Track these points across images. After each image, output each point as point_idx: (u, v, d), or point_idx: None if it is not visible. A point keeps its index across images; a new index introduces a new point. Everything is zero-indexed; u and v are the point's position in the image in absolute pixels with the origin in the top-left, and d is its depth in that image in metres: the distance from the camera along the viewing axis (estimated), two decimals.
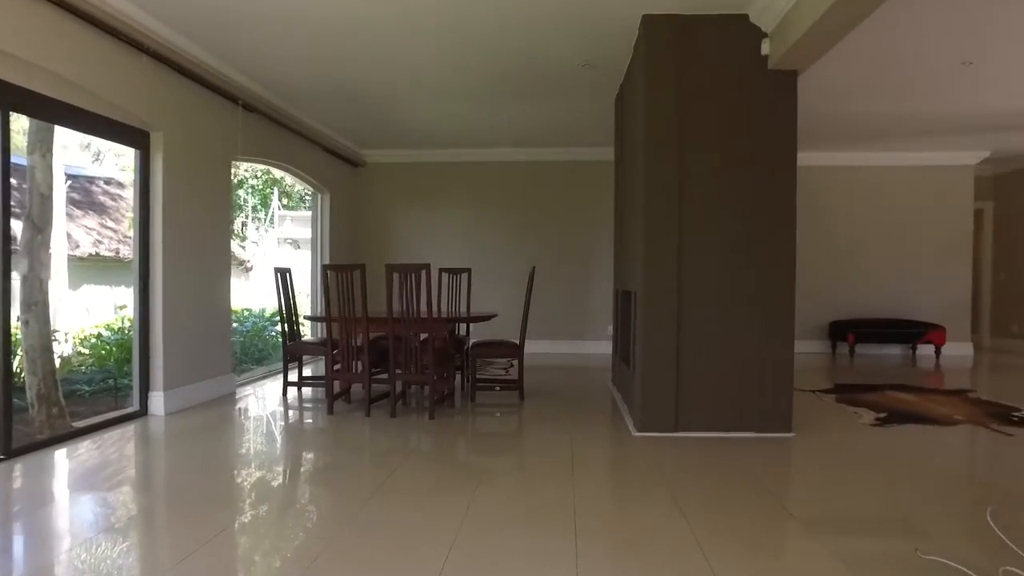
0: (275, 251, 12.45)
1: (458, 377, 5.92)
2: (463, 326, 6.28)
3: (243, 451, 3.89)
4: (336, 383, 4.95)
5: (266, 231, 12.69)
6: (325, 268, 4.86)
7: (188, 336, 4.94)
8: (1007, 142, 7.80)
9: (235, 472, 3.43)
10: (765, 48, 4.08)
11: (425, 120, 7.08)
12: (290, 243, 12.84)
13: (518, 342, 5.26)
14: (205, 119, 5.14)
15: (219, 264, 5.44)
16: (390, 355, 4.68)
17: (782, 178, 4.13)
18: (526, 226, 8.69)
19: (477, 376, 5.54)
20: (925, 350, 8.36)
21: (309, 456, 3.81)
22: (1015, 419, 4.63)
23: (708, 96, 4.14)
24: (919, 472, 3.46)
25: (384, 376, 4.88)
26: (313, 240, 8.14)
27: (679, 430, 4.15)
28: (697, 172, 4.14)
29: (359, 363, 4.81)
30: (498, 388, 5.31)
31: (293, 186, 12.27)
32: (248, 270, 12.04)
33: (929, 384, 6.30)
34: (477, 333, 8.28)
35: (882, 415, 4.69)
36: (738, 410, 4.14)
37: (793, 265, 4.15)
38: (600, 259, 8.44)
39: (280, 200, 12.80)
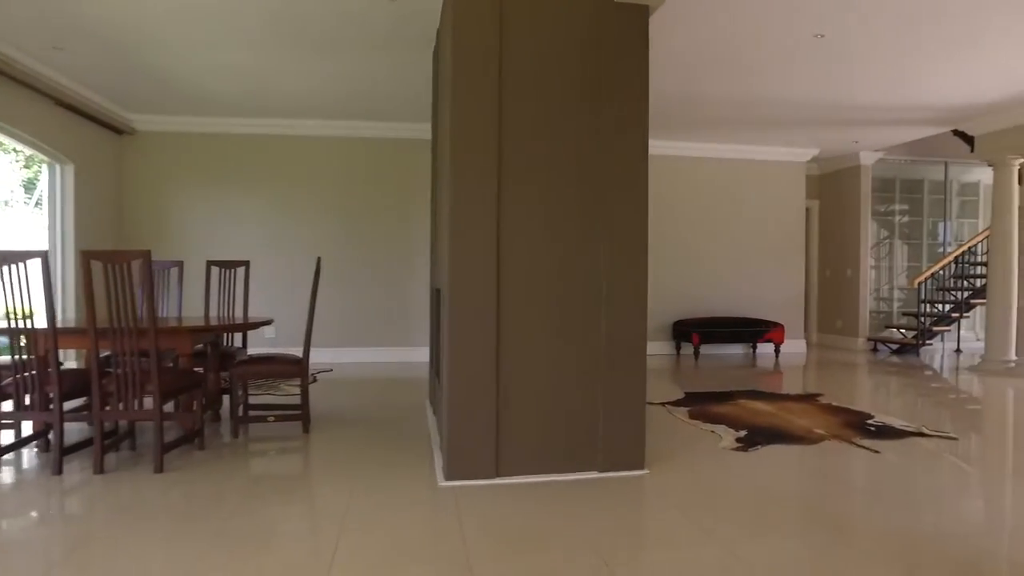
0: None
1: (227, 402, 4.49)
2: (233, 336, 4.83)
3: None
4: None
5: None
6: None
7: None
8: (836, 138, 7.75)
9: None
10: None
11: (197, 72, 5.49)
12: None
13: (302, 355, 3.96)
14: None
15: None
16: (93, 380, 3.17)
17: (632, 138, 3.22)
18: (338, 214, 7.31)
19: (249, 403, 4.16)
20: (764, 348, 8.15)
21: None
22: (871, 428, 4.13)
23: (538, 35, 3.12)
24: (807, 518, 2.67)
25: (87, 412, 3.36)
26: (51, 225, 6.18)
27: (501, 475, 3.08)
28: (522, 129, 3.11)
29: (47, 393, 3.25)
30: (271, 418, 3.95)
31: None
32: None
33: (778, 388, 5.86)
34: (280, 343, 6.82)
35: (742, 434, 3.98)
36: (578, 446, 3.17)
37: (645, 252, 3.25)
38: (426, 252, 7.29)
39: None
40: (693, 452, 3.62)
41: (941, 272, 8.33)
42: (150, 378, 3.20)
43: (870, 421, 4.33)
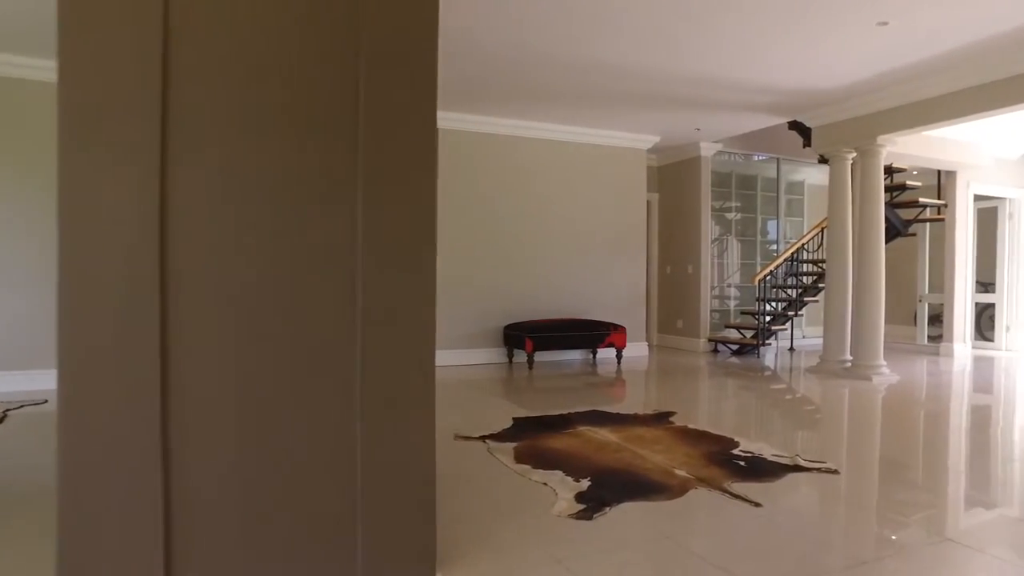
0: None
1: None
2: None
3: None
4: None
5: None
6: None
7: None
8: (678, 124, 7.13)
9: None
10: None
11: None
12: None
13: None
14: None
15: None
16: None
17: (400, 75, 1.95)
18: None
19: None
20: (606, 351, 7.35)
21: None
22: (741, 463, 3.26)
23: None
24: None
25: None
26: None
27: None
28: (210, 66, 1.73)
29: None
30: None
31: None
32: None
33: (624, 405, 4.96)
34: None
35: (585, 486, 2.90)
36: (319, 543, 1.85)
37: (432, 250, 2.00)
38: None
39: None
40: (516, 528, 2.46)
41: (776, 270, 8.07)
42: None
43: (737, 451, 3.47)
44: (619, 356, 7.10)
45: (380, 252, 1.88)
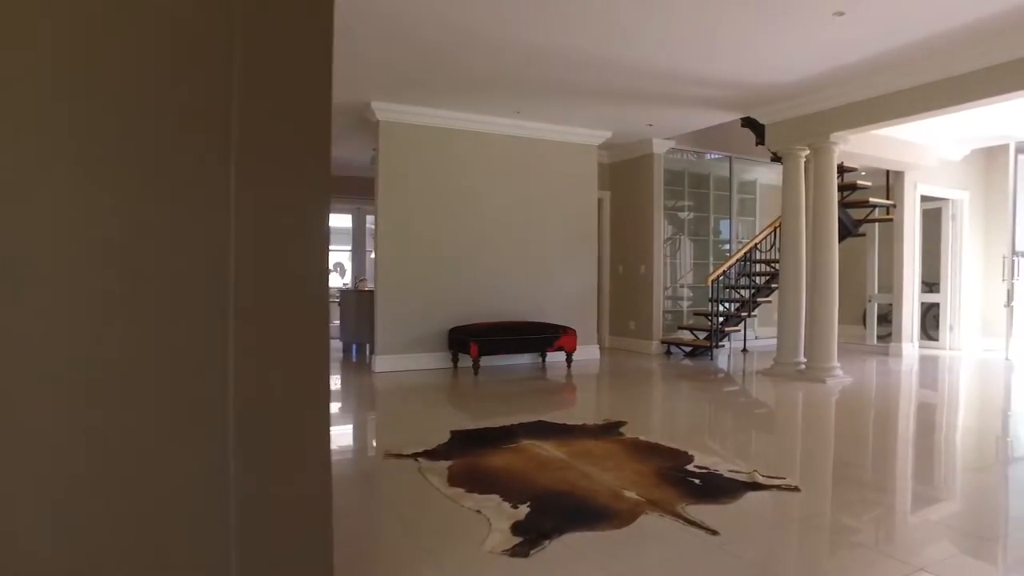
0: None
1: None
2: None
3: None
4: None
5: None
6: None
7: None
8: (630, 119, 6.89)
9: None
10: None
11: None
12: None
13: None
14: None
15: None
16: None
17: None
18: None
19: None
20: (556, 356, 7.05)
21: None
22: (695, 481, 2.99)
23: None
24: None
25: None
26: None
27: None
28: None
29: None
30: None
31: None
32: None
33: (572, 414, 4.66)
34: None
35: (523, 514, 2.56)
36: None
37: (324, 242, 1.63)
38: None
39: None
40: (437, 570, 2.11)
41: (729, 270, 7.92)
42: None
43: (691, 467, 3.19)
44: (569, 360, 6.81)
45: (259, 250, 1.50)
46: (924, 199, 8.21)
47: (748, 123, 6.84)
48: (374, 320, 6.50)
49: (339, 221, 10.86)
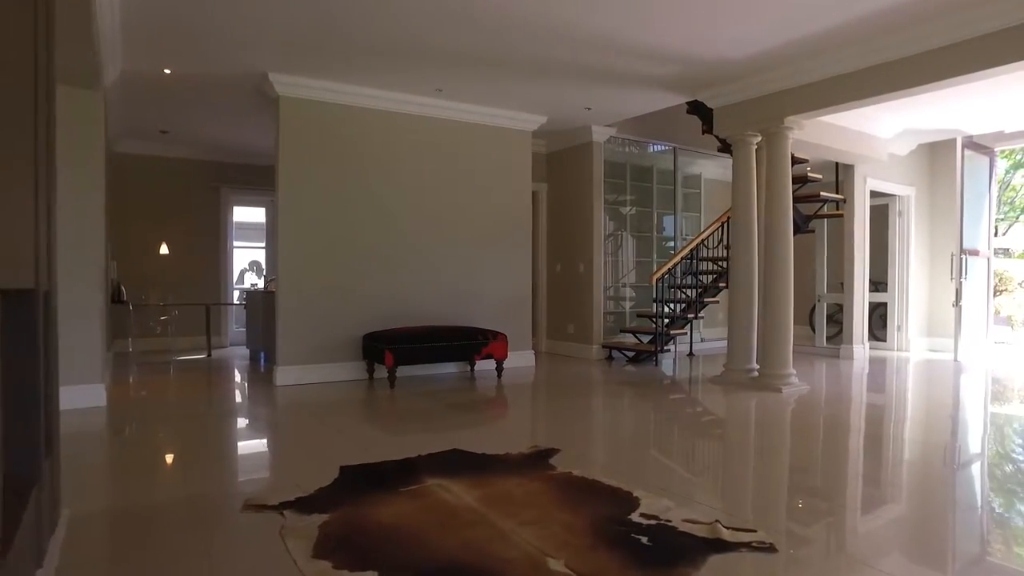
0: None
1: None
2: None
3: None
4: None
5: None
6: None
7: None
8: (566, 101, 6.21)
9: None
10: None
11: None
12: None
13: None
14: None
15: None
16: None
17: None
18: None
19: None
20: (486, 363, 6.29)
21: None
22: (641, 538, 2.29)
23: None
24: None
25: None
26: None
27: None
28: None
29: None
30: None
31: None
32: None
33: (495, 437, 3.91)
34: None
35: None
36: None
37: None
38: None
39: None
40: None
41: (674, 269, 7.35)
42: None
43: (636, 515, 2.49)
44: (499, 368, 6.07)
45: None
46: (873, 195, 7.85)
47: (695, 108, 6.27)
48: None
49: (251, 215, 9.82)
